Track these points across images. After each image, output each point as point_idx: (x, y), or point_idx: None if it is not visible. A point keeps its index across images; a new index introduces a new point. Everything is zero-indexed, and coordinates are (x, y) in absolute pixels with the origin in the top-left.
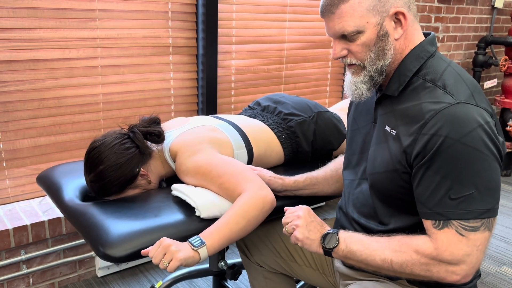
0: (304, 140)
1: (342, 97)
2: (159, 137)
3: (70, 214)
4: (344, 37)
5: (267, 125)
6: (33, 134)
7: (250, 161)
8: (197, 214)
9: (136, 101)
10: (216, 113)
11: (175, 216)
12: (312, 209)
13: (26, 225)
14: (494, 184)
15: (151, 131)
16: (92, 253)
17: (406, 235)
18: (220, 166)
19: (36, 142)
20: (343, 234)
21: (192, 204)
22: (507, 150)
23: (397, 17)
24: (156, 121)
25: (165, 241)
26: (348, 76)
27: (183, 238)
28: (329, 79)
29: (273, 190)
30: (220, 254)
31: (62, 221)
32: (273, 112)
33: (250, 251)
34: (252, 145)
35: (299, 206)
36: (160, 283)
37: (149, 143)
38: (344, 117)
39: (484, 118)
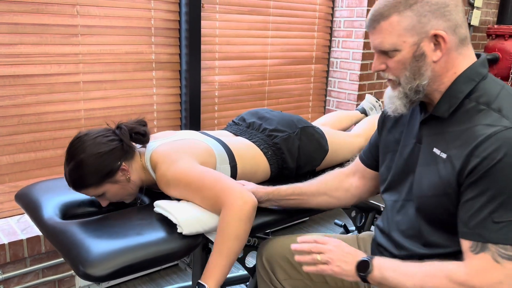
0: (289, 156)
1: (324, 112)
2: (144, 136)
3: (49, 232)
4: (383, 52)
5: (253, 142)
6: (12, 151)
7: (233, 178)
8: (179, 230)
9: (118, 116)
10: (199, 129)
11: (157, 234)
12: (295, 224)
13: (3, 244)
14: None
15: (137, 130)
16: (72, 272)
17: (440, 259)
18: (198, 177)
19: (15, 159)
20: (377, 261)
21: (174, 221)
22: None
23: (437, 40)
24: (142, 123)
25: None
26: (388, 89)
27: (164, 256)
28: (311, 94)
29: (257, 200)
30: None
31: (41, 239)
32: (258, 129)
33: (276, 274)
34: (237, 161)
35: (329, 239)
36: None
37: (133, 144)
38: (326, 131)
39: None
